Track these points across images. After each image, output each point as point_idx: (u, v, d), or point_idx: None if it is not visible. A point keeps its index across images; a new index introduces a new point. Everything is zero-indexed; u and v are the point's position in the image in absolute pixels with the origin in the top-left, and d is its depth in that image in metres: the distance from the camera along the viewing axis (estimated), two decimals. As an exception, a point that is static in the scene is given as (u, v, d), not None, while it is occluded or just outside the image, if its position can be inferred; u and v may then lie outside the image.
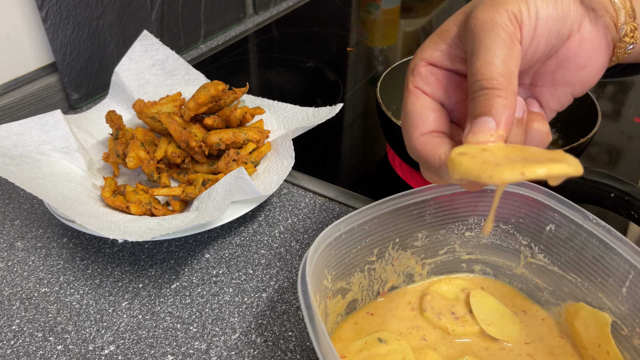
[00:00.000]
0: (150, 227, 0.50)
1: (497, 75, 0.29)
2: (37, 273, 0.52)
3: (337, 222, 0.40)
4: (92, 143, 0.63)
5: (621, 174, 0.47)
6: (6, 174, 0.52)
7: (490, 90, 0.29)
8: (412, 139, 0.33)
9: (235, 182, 0.50)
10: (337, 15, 1.10)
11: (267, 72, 0.89)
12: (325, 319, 0.41)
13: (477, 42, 0.30)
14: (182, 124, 0.59)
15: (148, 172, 0.57)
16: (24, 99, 0.72)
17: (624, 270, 0.38)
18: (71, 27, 0.72)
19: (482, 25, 0.30)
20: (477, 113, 0.30)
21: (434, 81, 0.34)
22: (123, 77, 0.67)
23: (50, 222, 0.58)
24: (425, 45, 0.34)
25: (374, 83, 0.83)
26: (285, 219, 0.58)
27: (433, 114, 0.33)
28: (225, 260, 0.53)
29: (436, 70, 0.34)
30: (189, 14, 0.90)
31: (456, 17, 0.33)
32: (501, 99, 0.29)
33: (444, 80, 0.34)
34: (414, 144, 0.33)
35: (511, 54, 0.30)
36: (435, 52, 0.33)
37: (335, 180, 0.64)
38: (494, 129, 0.29)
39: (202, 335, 0.46)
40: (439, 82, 0.34)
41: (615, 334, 0.40)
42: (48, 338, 0.46)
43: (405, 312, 0.45)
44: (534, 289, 0.46)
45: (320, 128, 0.61)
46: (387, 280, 0.46)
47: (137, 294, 0.50)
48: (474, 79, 0.30)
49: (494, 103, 0.29)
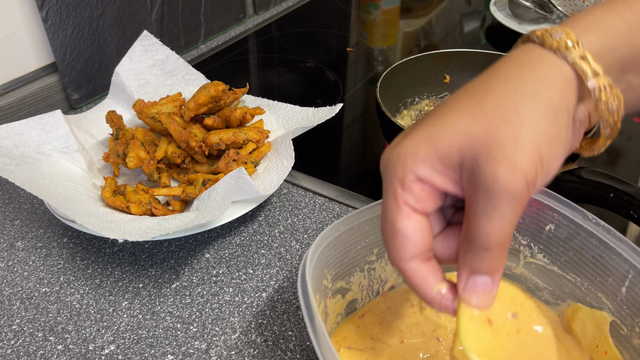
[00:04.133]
0: (151, 227, 0.50)
1: (503, 241, 0.29)
2: (38, 273, 0.52)
3: (337, 222, 0.40)
4: (92, 143, 0.63)
5: (621, 174, 0.47)
6: (6, 174, 0.52)
7: (495, 252, 0.29)
8: (402, 262, 0.31)
9: (235, 182, 0.50)
10: (337, 15, 1.10)
11: (267, 72, 0.89)
12: (325, 318, 0.41)
13: (491, 206, 0.28)
14: (182, 124, 0.59)
15: (148, 172, 0.57)
16: (24, 99, 0.72)
17: (623, 270, 0.39)
18: (71, 27, 0.72)
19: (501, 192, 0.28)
20: (475, 269, 0.30)
21: (425, 198, 0.31)
22: (123, 77, 0.67)
23: (51, 222, 0.58)
24: (418, 158, 0.30)
25: (374, 83, 0.83)
26: (285, 219, 0.58)
27: (424, 236, 0.31)
28: (225, 260, 0.54)
29: (427, 188, 0.31)
30: (189, 14, 0.90)
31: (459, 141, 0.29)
32: (501, 261, 0.30)
33: (435, 196, 0.31)
34: (403, 267, 0.31)
35: (518, 216, 0.29)
36: (431, 172, 0.30)
37: (335, 180, 0.64)
38: (492, 290, 0.31)
39: (202, 335, 0.46)
40: (430, 197, 0.31)
41: (615, 333, 0.40)
42: (48, 338, 0.46)
43: (404, 310, 0.45)
44: (533, 289, 0.46)
45: (320, 128, 0.61)
46: (387, 279, 0.46)
47: (137, 293, 0.50)
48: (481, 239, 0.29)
49: (495, 264, 0.30)
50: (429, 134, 0.30)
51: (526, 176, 0.28)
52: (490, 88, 0.30)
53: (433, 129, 0.30)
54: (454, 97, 0.32)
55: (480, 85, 0.31)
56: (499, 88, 0.30)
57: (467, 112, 0.30)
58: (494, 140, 0.28)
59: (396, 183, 0.31)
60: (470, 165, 0.29)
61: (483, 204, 0.29)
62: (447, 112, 0.31)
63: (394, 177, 0.31)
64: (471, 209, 0.30)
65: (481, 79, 0.31)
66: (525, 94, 0.29)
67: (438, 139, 0.30)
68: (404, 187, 0.31)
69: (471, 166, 0.29)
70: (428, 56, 0.69)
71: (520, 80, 0.30)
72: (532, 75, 0.30)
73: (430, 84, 0.71)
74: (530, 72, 0.30)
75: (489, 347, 0.31)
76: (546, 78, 0.29)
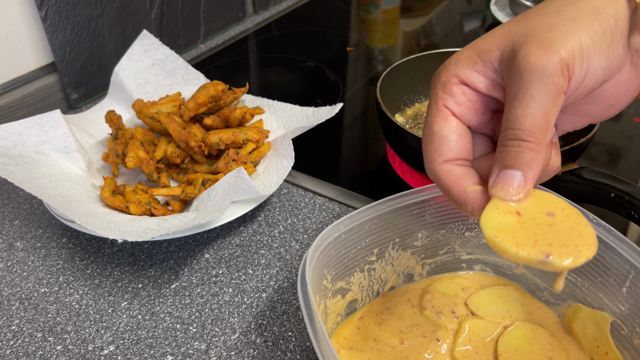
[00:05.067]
0: (150, 227, 0.50)
1: (536, 129, 0.28)
2: (37, 273, 0.52)
3: (337, 222, 0.40)
4: (91, 143, 0.63)
5: (621, 174, 0.47)
6: (5, 174, 0.52)
7: (525, 143, 0.28)
8: (435, 164, 0.31)
9: (235, 182, 0.50)
10: (337, 15, 1.10)
11: (267, 72, 0.89)
12: (325, 319, 0.41)
13: (523, 87, 0.28)
14: (182, 124, 0.59)
15: (147, 172, 0.57)
16: (23, 98, 0.72)
17: (624, 270, 0.38)
18: (70, 26, 0.72)
19: (532, 71, 0.28)
20: (506, 163, 0.29)
21: (464, 102, 0.31)
22: (122, 77, 0.67)
23: (50, 222, 0.58)
24: (460, 61, 0.31)
25: (374, 83, 0.83)
26: (285, 219, 0.58)
27: (460, 140, 0.31)
28: (225, 260, 0.53)
29: (468, 91, 0.31)
30: (188, 13, 0.90)
31: (500, 39, 0.30)
32: (533, 154, 0.28)
33: (475, 102, 0.31)
34: (436, 169, 0.31)
35: (554, 106, 0.28)
36: (471, 72, 0.31)
37: (335, 180, 0.64)
38: (522, 185, 0.29)
39: (202, 336, 0.46)
40: (470, 103, 0.31)
41: (616, 334, 0.40)
42: (47, 338, 0.46)
43: (404, 310, 0.45)
44: (534, 289, 0.46)
45: (320, 128, 0.61)
46: (387, 280, 0.46)
47: (136, 294, 0.50)
48: (511, 125, 0.29)
49: (526, 158, 0.28)
50: (474, 43, 0.32)
51: (561, 58, 0.28)
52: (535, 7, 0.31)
53: (478, 39, 0.32)
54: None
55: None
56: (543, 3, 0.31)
57: (511, 20, 0.31)
58: (531, 31, 0.29)
59: (439, 87, 0.32)
60: (508, 57, 0.29)
61: (515, 88, 0.29)
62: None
63: (437, 83, 0.32)
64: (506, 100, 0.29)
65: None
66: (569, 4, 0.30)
67: (480, 42, 0.31)
68: (445, 89, 0.31)
69: (508, 57, 0.29)
70: (428, 56, 0.69)
71: (567, 1, 0.30)
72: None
73: (430, 84, 0.71)
74: None
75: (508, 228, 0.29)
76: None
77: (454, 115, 0.31)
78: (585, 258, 0.28)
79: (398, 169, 0.64)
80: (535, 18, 0.30)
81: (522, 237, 0.29)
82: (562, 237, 0.29)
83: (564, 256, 0.28)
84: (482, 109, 0.32)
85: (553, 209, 0.30)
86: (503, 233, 0.29)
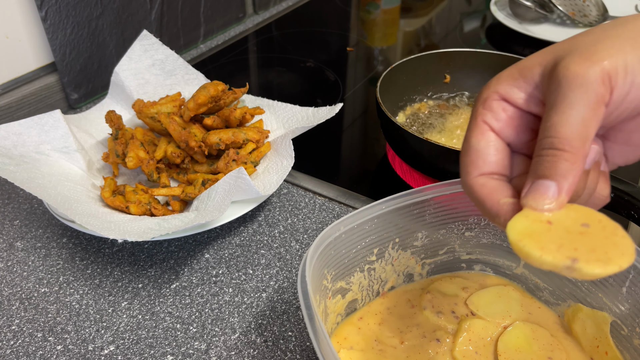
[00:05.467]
0: (150, 227, 0.50)
1: (572, 137, 0.27)
2: (37, 273, 0.52)
3: (337, 222, 0.40)
4: (91, 143, 0.63)
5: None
6: (6, 174, 0.52)
7: (560, 152, 0.27)
8: (470, 177, 0.31)
9: (235, 182, 0.50)
10: (337, 15, 1.10)
11: (267, 72, 0.89)
12: (325, 319, 0.41)
13: (561, 94, 0.28)
14: (182, 124, 0.59)
15: (148, 172, 0.57)
16: (23, 98, 0.72)
17: (624, 270, 0.38)
18: (71, 26, 0.72)
19: (571, 78, 0.27)
20: (540, 173, 0.28)
21: (504, 118, 0.31)
22: (122, 77, 0.67)
23: (50, 222, 0.58)
24: (501, 78, 0.31)
25: (374, 83, 0.83)
26: (285, 219, 0.58)
27: (496, 155, 0.31)
28: (225, 260, 0.53)
29: (509, 107, 0.31)
30: (188, 13, 0.90)
31: (543, 56, 0.30)
32: (569, 164, 0.27)
33: (515, 119, 0.31)
34: (471, 182, 0.31)
35: (593, 116, 0.27)
36: (512, 88, 0.31)
37: (335, 180, 0.64)
38: (555, 196, 0.28)
39: (202, 336, 0.46)
40: (509, 119, 0.31)
41: (615, 334, 0.40)
42: (48, 338, 0.46)
43: (404, 310, 0.45)
44: (534, 289, 0.46)
45: (320, 128, 0.61)
46: (387, 280, 0.46)
47: (136, 294, 0.50)
48: (547, 134, 0.28)
49: (560, 167, 0.27)
50: (517, 62, 0.32)
51: (603, 67, 0.27)
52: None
53: (522, 60, 0.32)
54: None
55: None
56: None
57: (556, 43, 0.31)
58: (574, 46, 0.29)
59: (479, 104, 0.32)
60: (549, 71, 0.29)
61: (554, 96, 0.28)
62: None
63: (478, 100, 0.32)
64: (545, 110, 0.29)
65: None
66: (616, 25, 0.29)
67: (523, 61, 0.31)
68: (485, 105, 0.31)
69: (550, 71, 0.29)
70: (428, 56, 0.69)
71: (614, 23, 0.30)
72: (633, 22, 0.29)
73: (430, 84, 0.71)
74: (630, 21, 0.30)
75: (534, 232, 0.27)
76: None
77: (493, 130, 0.31)
78: (618, 267, 0.26)
79: (398, 169, 0.64)
80: (579, 37, 0.30)
81: (547, 242, 0.27)
82: (592, 244, 0.27)
83: (592, 262, 0.26)
84: (522, 126, 0.31)
85: (589, 220, 0.28)
86: (528, 237, 0.27)
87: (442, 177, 0.55)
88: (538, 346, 0.42)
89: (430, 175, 0.58)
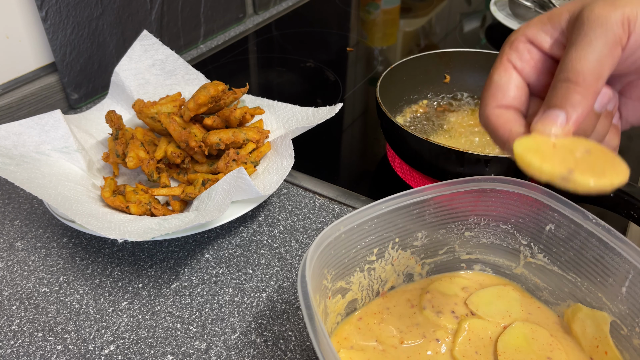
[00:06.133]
0: (150, 227, 0.50)
1: (587, 72, 0.29)
2: (37, 273, 0.52)
3: (337, 222, 0.40)
4: (91, 143, 0.63)
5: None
6: (6, 174, 0.52)
7: (574, 85, 0.29)
8: (488, 108, 0.33)
9: (235, 182, 0.50)
10: (337, 15, 1.10)
11: (267, 72, 0.89)
12: (325, 319, 0.41)
13: (582, 33, 0.29)
14: (182, 124, 0.59)
15: (148, 172, 0.57)
16: (23, 99, 0.72)
17: (623, 270, 0.38)
18: (71, 27, 0.72)
19: (593, 19, 0.29)
20: (552, 103, 0.30)
21: (528, 59, 0.33)
22: (123, 77, 0.67)
23: (50, 222, 0.58)
24: (531, 23, 0.33)
25: (374, 83, 0.83)
26: (285, 219, 0.58)
27: (515, 90, 0.33)
28: (225, 260, 0.53)
29: (534, 50, 0.33)
30: (188, 13, 0.90)
31: (573, 5, 0.32)
32: (579, 96, 0.29)
33: (538, 61, 0.33)
34: (487, 113, 0.33)
35: (609, 55, 0.29)
36: (539, 32, 0.33)
37: (335, 180, 0.64)
38: (563, 124, 0.30)
39: (202, 335, 0.46)
40: (533, 61, 0.33)
41: (615, 333, 0.40)
42: (48, 338, 0.46)
43: (404, 310, 0.45)
44: (533, 289, 0.46)
45: (320, 128, 0.61)
46: (387, 280, 0.46)
47: (137, 293, 0.50)
48: (564, 67, 0.30)
49: (571, 98, 0.29)
50: (547, 12, 0.33)
51: (623, 12, 0.29)
52: None
53: (551, 10, 0.33)
54: None
55: None
56: None
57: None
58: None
59: (506, 45, 0.34)
60: (576, 16, 0.31)
61: (575, 35, 0.30)
62: None
63: (506, 42, 0.34)
64: (565, 49, 0.30)
65: None
66: None
67: (554, 9, 0.33)
68: (512, 46, 0.33)
69: (576, 16, 0.31)
70: (428, 56, 0.69)
71: None
72: None
73: (430, 84, 0.71)
74: None
75: (539, 149, 0.29)
76: None
77: (515, 68, 0.33)
78: (609, 183, 0.28)
79: (398, 169, 0.64)
80: None
81: (549, 155, 0.29)
82: (591, 163, 0.29)
83: (587, 174, 0.28)
84: (544, 69, 0.33)
85: (592, 149, 0.30)
86: (532, 152, 0.29)
87: (442, 177, 0.55)
88: (538, 346, 0.42)
89: (430, 175, 0.58)
